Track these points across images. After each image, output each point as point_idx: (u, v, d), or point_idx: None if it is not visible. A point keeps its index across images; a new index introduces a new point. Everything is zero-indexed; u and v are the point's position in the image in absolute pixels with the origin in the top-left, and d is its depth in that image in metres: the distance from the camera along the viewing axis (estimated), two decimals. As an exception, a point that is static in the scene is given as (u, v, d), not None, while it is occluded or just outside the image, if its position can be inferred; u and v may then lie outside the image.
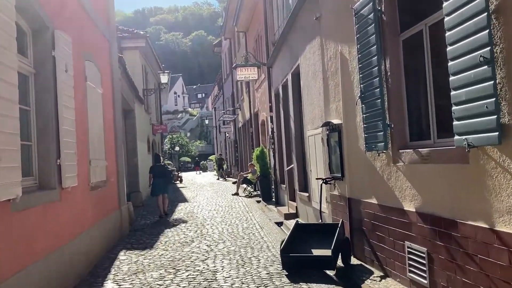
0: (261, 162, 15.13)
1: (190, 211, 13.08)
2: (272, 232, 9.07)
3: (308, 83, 8.46)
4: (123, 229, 9.05)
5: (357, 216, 6.24)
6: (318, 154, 8.04)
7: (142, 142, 17.66)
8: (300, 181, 10.21)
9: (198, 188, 22.87)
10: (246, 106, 22.00)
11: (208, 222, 10.60)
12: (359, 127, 5.89)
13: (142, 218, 11.84)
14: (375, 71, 5.20)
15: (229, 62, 29.69)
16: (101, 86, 7.99)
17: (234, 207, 13.67)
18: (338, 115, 6.73)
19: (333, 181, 7.03)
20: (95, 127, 7.37)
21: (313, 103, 8.16)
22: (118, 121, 9.30)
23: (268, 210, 12.68)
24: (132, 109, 15.21)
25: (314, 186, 8.50)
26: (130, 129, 15.28)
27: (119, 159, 9.14)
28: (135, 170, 15.36)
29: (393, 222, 5.10)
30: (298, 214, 10.42)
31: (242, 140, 25.16)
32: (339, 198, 6.90)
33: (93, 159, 7.05)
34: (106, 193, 7.94)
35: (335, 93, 6.82)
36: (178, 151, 57.50)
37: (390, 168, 5.13)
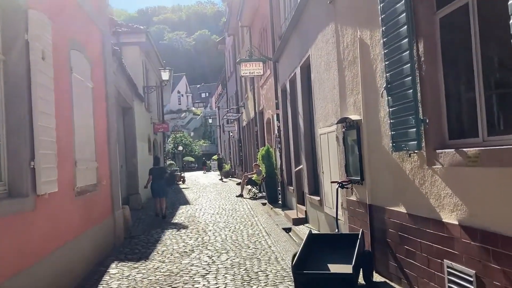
0: (267, 163, 14.33)
1: (191, 214, 12.30)
2: (280, 240, 8.26)
3: (320, 76, 7.65)
4: (117, 237, 8.27)
5: (379, 226, 5.43)
6: (331, 154, 7.24)
7: (142, 142, 16.90)
8: (310, 183, 9.40)
9: (201, 189, 22.09)
10: (250, 104, 21.20)
11: (210, 228, 9.81)
12: (384, 124, 5.08)
13: (140, 223, 11.06)
14: (406, 56, 4.38)
15: (232, 59, 28.90)
16: (91, 79, 7.21)
17: (238, 210, 12.88)
18: (356, 110, 5.92)
19: (350, 185, 6.22)
20: (83, 124, 6.59)
21: (326, 97, 7.36)
22: (111, 118, 8.53)
23: (274, 214, 11.88)
24: (131, 107, 14.45)
25: (326, 189, 7.69)
26: (128, 128, 14.53)
27: (113, 160, 8.36)
28: (134, 171, 14.60)
29: (428, 235, 4.29)
30: (307, 219, 9.61)
31: (247, 139, 24.36)
32: (357, 204, 6.09)
33: (80, 160, 6.28)
34: (96, 198, 7.16)
35: (353, 85, 6.01)
36: (182, 151, 56.80)
37: (424, 171, 4.32)
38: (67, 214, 5.68)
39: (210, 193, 19.34)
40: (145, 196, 16.56)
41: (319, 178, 8.37)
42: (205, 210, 13.22)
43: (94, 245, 6.86)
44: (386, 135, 5.03)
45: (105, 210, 7.79)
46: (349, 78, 6.12)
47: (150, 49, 19.13)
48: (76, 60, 6.36)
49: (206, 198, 16.86)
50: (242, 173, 26.49)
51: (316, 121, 8.18)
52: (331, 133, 7.13)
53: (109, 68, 8.64)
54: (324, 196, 7.86)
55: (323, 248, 5.59)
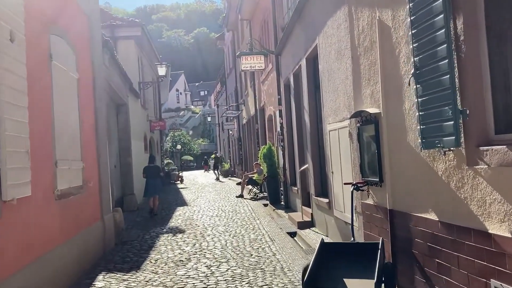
0: (269, 162, 13.62)
1: (189, 217, 11.60)
2: (286, 246, 7.56)
3: (330, 66, 6.95)
4: (107, 243, 7.57)
5: (403, 235, 4.73)
6: (343, 153, 6.53)
7: (138, 140, 16.19)
8: (316, 184, 8.69)
9: (199, 189, 21.39)
10: (250, 101, 20.48)
11: (209, 232, 9.10)
12: (409, 117, 4.38)
13: (133, 226, 10.36)
14: (441, 36, 3.68)
15: (232, 55, 28.16)
16: (76, 70, 6.50)
17: (239, 212, 12.18)
18: (374, 102, 5.22)
19: (366, 187, 5.53)
20: (66, 119, 5.88)
21: (336, 89, 6.65)
22: (101, 113, 7.82)
23: (277, 216, 11.18)
24: (125, 103, 13.73)
25: (336, 191, 6.99)
26: (122, 125, 13.82)
27: (102, 159, 7.65)
28: (129, 171, 13.89)
29: (468, 249, 3.59)
30: (314, 223, 8.91)
31: (247, 137, 23.65)
32: (375, 209, 5.39)
33: (62, 160, 5.57)
34: (82, 202, 6.45)
35: (370, 74, 5.30)
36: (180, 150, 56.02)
37: (463, 172, 3.62)
38: (45, 221, 4.97)
39: (209, 193, 18.63)
40: (141, 196, 15.85)
41: (327, 178, 7.67)
42: (204, 212, 12.52)
43: (79, 254, 6.15)
44: (412, 130, 4.33)
45: (93, 214, 7.09)
46: (365, 67, 5.42)
47: (146, 44, 18.43)
48: (57, 47, 5.65)
49: (204, 199, 16.16)
50: (242, 173, 25.78)
51: (325, 116, 7.48)
52: (342, 129, 6.42)
53: (98, 59, 7.93)
54: (334, 199, 7.16)
55: (338, 259, 4.88)
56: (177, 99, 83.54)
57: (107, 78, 10.01)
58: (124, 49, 16.45)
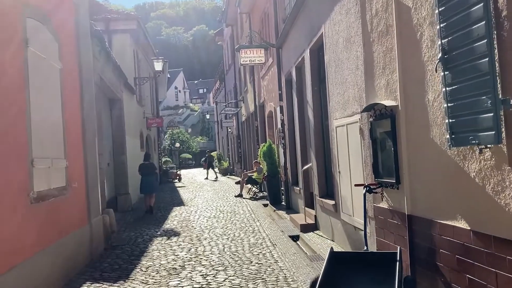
0: (269, 160, 13.03)
1: (185, 218, 11.02)
2: (288, 252, 6.99)
3: (337, 56, 6.36)
4: (95, 248, 6.99)
5: (424, 244, 4.16)
6: (352, 151, 5.96)
7: (133, 137, 15.60)
8: (321, 184, 8.12)
9: (197, 188, 20.81)
10: (250, 98, 19.90)
11: (206, 235, 8.53)
12: (434, 109, 3.80)
13: (126, 228, 9.78)
14: (477, 11, 3.10)
15: (231, 51, 27.55)
16: (59, 59, 5.91)
17: (238, 212, 11.61)
18: (390, 94, 4.64)
19: (380, 189, 4.95)
20: (45, 112, 5.29)
21: (345, 81, 6.07)
22: (89, 108, 7.23)
23: (278, 217, 10.61)
24: (119, 99, 13.13)
25: (344, 192, 6.42)
26: (116, 122, 13.22)
27: (90, 158, 7.07)
28: (123, 169, 13.29)
29: (511, 265, 3.02)
30: (318, 226, 8.34)
31: (246, 135, 23.06)
32: (389, 213, 4.82)
33: (40, 158, 4.98)
34: (65, 204, 5.87)
35: (385, 62, 4.72)
36: (179, 148, 55.41)
37: (503, 173, 3.05)
38: (17, 228, 4.38)
39: (207, 192, 18.06)
40: (136, 196, 15.27)
41: (333, 178, 7.09)
42: (201, 212, 11.94)
43: (62, 261, 5.57)
44: (437, 124, 3.76)
45: (79, 218, 6.50)
46: (380, 54, 4.84)
47: (142, 38, 17.82)
48: (34, 31, 5.06)
49: (202, 198, 15.58)
50: (241, 171, 25.20)
51: (331, 111, 6.90)
52: (352, 125, 5.84)
53: (86, 50, 7.34)
54: (341, 201, 6.59)
55: (349, 271, 4.32)
56: (175, 97, 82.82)
57: (98, 71, 9.42)
58: (119, 43, 15.86)
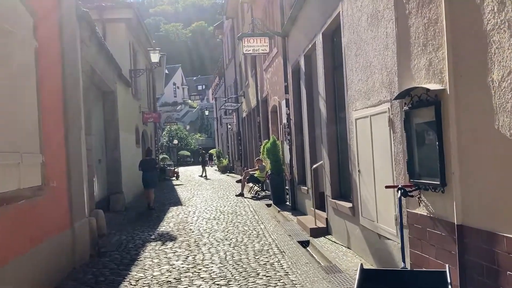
0: (273, 157, 12.17)
1: (182, 219, 10.16)
2: (299, 260, 6.13)
3: (359, 36, 5.50)
4: (79, 256, 6.12)
5: (482, 263, 3.30)
6: (377, 146, 5.10)
7: (128, 133, 14.72)
8: (334, 184, 7.26)
9: (195, 186, 19.95)
10: (251, 92, 19.01)
11: (206, 240, 7.67)
12: (502, 91, 2.95)
13: (118, 231, 8.91)
14: None
15: (231, 45, 26.66)
16: (34, 37, 5.03)
17: (240, 213, 10.75)
18: (433, 76, 3.78)
19: (417, 191, 4.10)
20: (13, 98, 4.42)
21: (369, 65, 5.21)
22: (73, 96, 6.36)
23: (284, 219, 9.75)
24: (112, 91, 12.25)
25: (365, 194, 5.56)
26: (109, 115, 12.34)
27: (73, 153, 6.20)
28: (116, 166, 12.41)
29: None
30: (329, 230, 7.49)
31: (247, 131, 22.17)
32: (430, 222, 3.96)
33: (4, 153, 4.11)
34: (40, 207, 5.01)
35: (426, 38, 3.86)
36: (177, 145, 54.50)
37: None
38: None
39: (206, 191, 17.19)
40: (131, 194, 14.41)
41: (350, 178, 6.23)
42: (200, 213, 11.08)
43: (34, 275, 4.71)
44: (507, 110, 2.91)
45: (59, 222, 5.64)
46: (419, 28, 3.97)
47: (138, 28, 16.90)
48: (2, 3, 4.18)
49: (201, 197, 14.72)
50: (242, 169, 24.33)
51: (349, 101, 6.03)
52: (378, 116, 4.98)
53: (70, 30, 6.46)
54: (361, 204, 5.73)
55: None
56: (174, 93, 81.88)
57: (87, 58, 8.54)
58: (113, 33, 14.93)
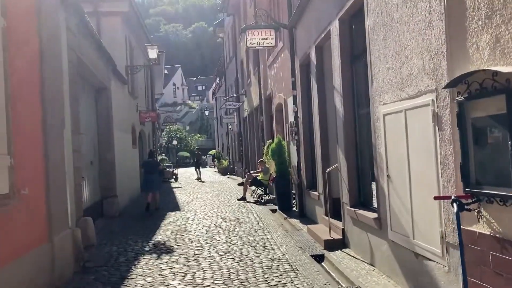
0: (278, 159, 11.31)
1: (180, 227, 9.30)
2: (316, 281, 5.26)
3: (390, 16, 4.63)
4: (58, 274, 5.26)
5: None
6: (415, 147, 4.24)
7: (123, 132, 13.85)
8: (352, 191, 6.40)
9: (195, 188, 19.08)
10: (254, 91, 18.16)
11: (206, 253, 6.80)
12: None
13: (109, 240, 8.05)
14: None
15: (232, 43, 25.83)
16: (0, 13, 4.17)
17: (243, 220, 9.88)
18: (502, 56, 2.92)
19: (476, 204, 3.24)
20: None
21: (404, 50, 4.35)
22: (53, 89, 5.50)
23: (291, 227, 8.89)
24: (105, 87, 11.39)
25: (396, 204, 4.70)
26: (103, 113, 11.48)
27: (54, 155, 5.34)
28: (109, 168, 11.53)
29: None
30: (346, 242, 6.63)
31: (248, 132, 21.31)
32: (497, 244, 3.09)
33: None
34: (7, 220, 4.14)
35: (492, 8, 3.00)
36: (176, 145, 53.64)
37: None
38: None
39: (205, 194, 16.33)
40: (127, 198, 13.55)
41: (376, 184, 5.37)
42: (199, 219, 10.21)
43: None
44: None
45: (33, 236, 4.77)
46: None
47: (135, 22, 16.06)
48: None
49: (201, 201, 13.85)
50: (243, 171, 23.46)
51: (375, 94, 5.17)
52: (416, 110, 4.12)
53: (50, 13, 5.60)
54: (390, 215, 4.87)
55: None
56: (173, 93, 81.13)
57: (75, 48, 7.70)
58: (108, 27, 14.08)
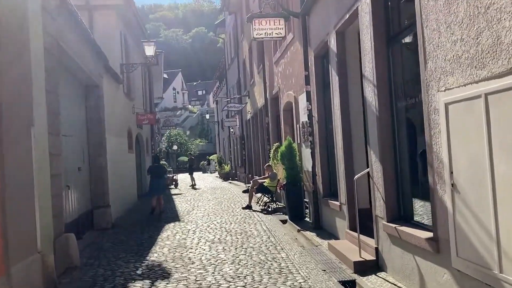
0: (288, 164, 10.08)
1: (180, 242, 8.09)
2: (354, 321, 4.06)
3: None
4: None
5: None
6: (502, 145, 3.05)
7: (118, 136, 12.67)
8: (391, 201, 5.19)
9: (196, 195, 17.85)
10: (258, 91, 17.00)
11: (210, 279, 5.58)
12: None
13: (96, 260, 6.83)
14: None
15: (233, 43, 24.71)
16: None
17: (251, 234, 8.68)
18: None
19: None
20: None
21: (482, 11, 3.15)
22: (17, 77, 4.32)
23: (308, 242, 7.67)
24: (96, 85, 10.22)
25: (469, 223, 3.50)
26: (93, 114, 10.30)
27: (14, 161, 4.14)
28: (101, 175, 10.34)
29: None
30: (382, 265, 5.42)
31: (252, 135, 20.12)
32: None
33: None
34: None
35: None
36: (176, 150, 52.46)
37: None
38: None
39: (207, 201, 15.11)
40: (122, 208, 12.35)
41: (433, 194, 4.17)
42: (201, 233, 9.01)
43: None
44: None
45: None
46: None
47: (131, 17, 14.90)
48: None
49: (202, 211, 12.63)
50: (246, 176, 22.26)
51: (432, 77, 3.98)
52: (505, 93, 2.93)
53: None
54: (456, 236, 3.66)
55: None
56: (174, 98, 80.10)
57: (55, 35, 6.54)
58: (102, 21, 12.99)
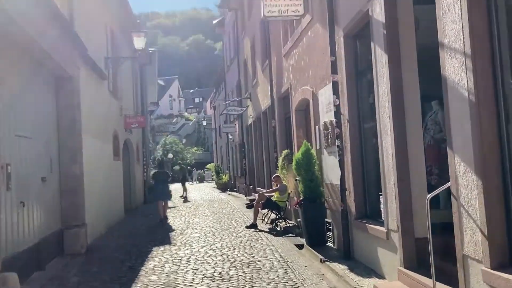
0: (306, 175, 8.13)
1: (169, 279, 6.13)
2: None
3: None
4: None
5: None
6: None
7: (99, 140, 10.73)
8: (495, 236, 3.29)
9: (191, 209, 15.89)
10: (262, 92, 15.14)
11: None
12: None
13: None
14: None
15: (233, 42, 22.92)
16: None
17: (263, 265, 6.74)
18: None
19: None
20: None
21: None
22: None
23: (339, 279, 5.72)
24: (69, 76, 8.30)
25: None
26: (66, 112, 8.36)
27: None
28: (75, 187, 8.35)
29: None
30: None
31: (254, 142, 18.20)
32: None
33: None
34: None
35: None
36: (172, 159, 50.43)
37: None
38: None
39: (204, 217, 13.15)
40: (103, 226, 10.37)
41: None
42: (197, 263, 7.05)
43: None
44: None
45: None
46: None
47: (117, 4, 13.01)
48: None
49: (198, 230, 10.67)
50: (246, 187, 20.31)
51: None
52: None
53: None
54: None
55: None
56: (170, 105, 78.37)
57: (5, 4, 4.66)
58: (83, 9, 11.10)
